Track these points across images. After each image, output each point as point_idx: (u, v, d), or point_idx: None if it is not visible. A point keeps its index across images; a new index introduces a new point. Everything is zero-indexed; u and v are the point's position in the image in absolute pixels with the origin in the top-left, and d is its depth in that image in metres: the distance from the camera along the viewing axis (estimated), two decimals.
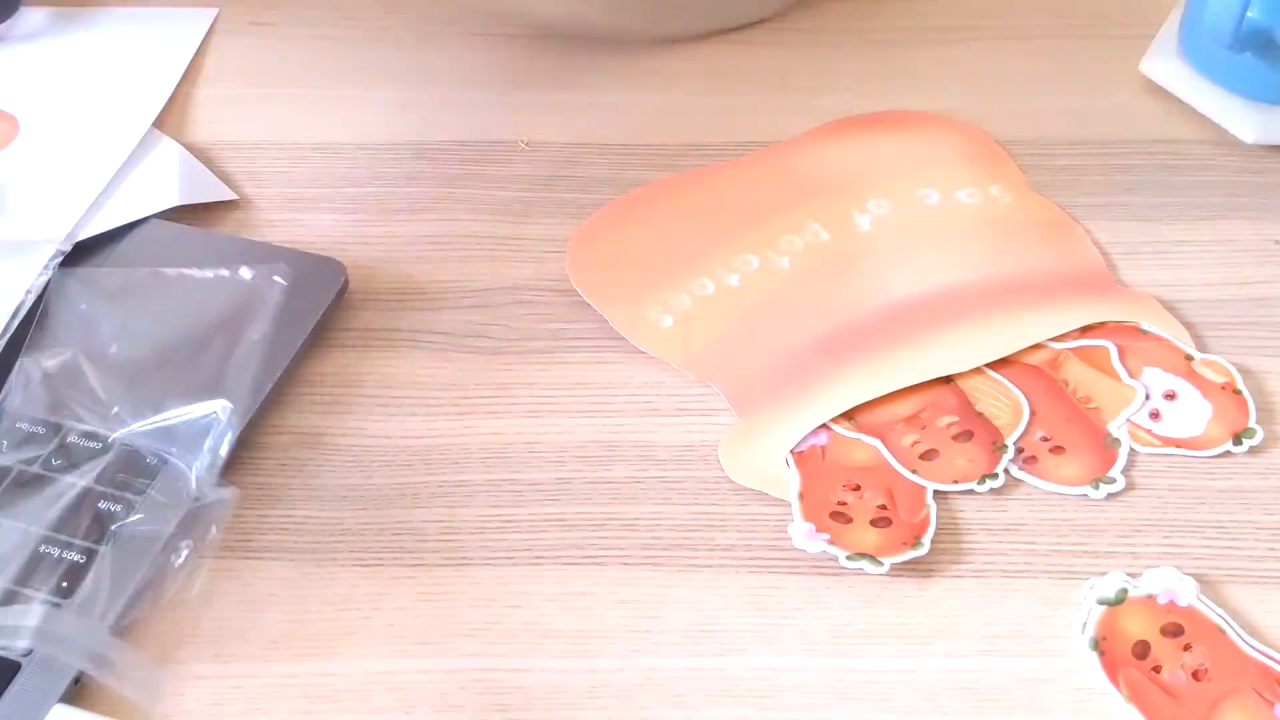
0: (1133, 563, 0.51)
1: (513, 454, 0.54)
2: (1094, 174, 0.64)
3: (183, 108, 0.68)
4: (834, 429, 0.54)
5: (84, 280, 0.58)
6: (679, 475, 0.53)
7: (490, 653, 0.49)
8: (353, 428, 0.55)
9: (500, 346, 0.58)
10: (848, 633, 0.49)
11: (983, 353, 0.56)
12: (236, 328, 0.55)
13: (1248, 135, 0.65)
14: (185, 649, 0.49)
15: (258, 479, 0.53)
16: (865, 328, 0.58)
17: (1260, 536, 0.51)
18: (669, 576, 0.51)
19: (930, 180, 0.64)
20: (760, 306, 0.59)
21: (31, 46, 0.71)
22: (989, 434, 0.54)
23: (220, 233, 0.62)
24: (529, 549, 0.51)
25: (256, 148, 0.66)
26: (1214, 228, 0.62)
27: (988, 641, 0.49)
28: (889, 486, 0.52)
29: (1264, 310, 0.59)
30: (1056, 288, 0.59)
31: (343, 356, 0.57)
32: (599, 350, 0.58)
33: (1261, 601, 0.50)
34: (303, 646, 0.49)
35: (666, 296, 0.59)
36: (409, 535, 0.52)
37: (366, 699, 0.47)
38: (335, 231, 0.62)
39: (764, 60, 0.71)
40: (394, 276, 0.60)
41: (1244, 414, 0.54)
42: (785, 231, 0.61)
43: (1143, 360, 0.56)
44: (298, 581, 0.50)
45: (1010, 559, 0.51)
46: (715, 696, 0.47)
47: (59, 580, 0.48)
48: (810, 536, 0.51)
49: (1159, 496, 0.53)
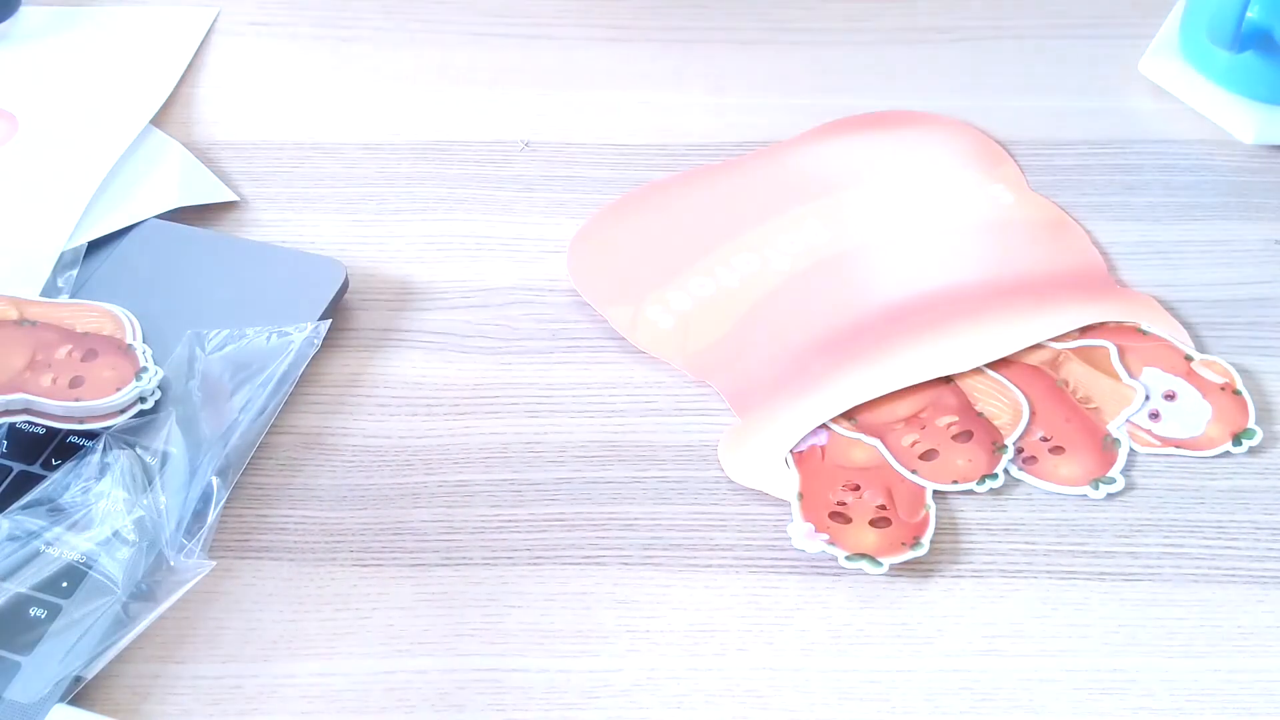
0: (1132, 563, 0.51)
1: (513, 454, 0.54)
2: (1094, 174, 0.64)
3: (183, 107, 0.68)
4: (833, 429, 0.54)
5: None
6: (679, 475, 0.53)
7: (490, 653, 0.49)
8: (353, 428, 0.55)
9: (500, 346, 0.58)
10: (847, 633, 0.49)
11: (983, 353, 0.56)
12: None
13: (1248, 135, 0.65)
14: (185, 649, 0.49)
15: (258, 479, 0.53)
16: (865, 328, 0.58)
17: (1260, 536, 0.51)
18: (669, 576, 0.51)
19: (930, 180, 0.64)
20: (760, 306, 0.59)
21: (31, 46, 0.71)
22: (989, 434, 0.54)
23: (220, 233, 0.62)
24: (529, 549, 0.51)
25: (256, 148, 0.66)
26: (1214, 228, 0.62)
27: (987, 641, 0.49)
28: (889, 486, 0.52)
29: (1264, 310, 0.59)
30: (1056, 288, 0.59)
31: (343, 356, 0.57)
32: (599, 350, 0.58)
33: (1261, 601, 0.50)
34: (302, 646, 0.49)
35: (666, 296, 0.59)
36: (409, 535, 0.52)
37: (366, 699, 0.47)
38: (335, 231, 0.62)
39: (764, 60, 0.71)
40: (394, 276, 0.60)
41: (1243, 414, 0.54)
42: (785, 231, 0.61)
43: (1142, 361, 0.56)
44: (297, 581, 0.50)
45: (1010, 559, 0.51)
46: (715, 696, 0.47)
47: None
48: (810, 536, 0.51)
49: (1158, 497, 0.53)
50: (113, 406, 0.53)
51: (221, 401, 0.54)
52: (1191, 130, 0.66)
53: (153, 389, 0.53)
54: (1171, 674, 0.48)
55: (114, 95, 0.68)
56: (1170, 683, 0.47)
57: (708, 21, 0.73)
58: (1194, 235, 0.62)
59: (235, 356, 0.55)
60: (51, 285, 0.59)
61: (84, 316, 0.56)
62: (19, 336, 0.55)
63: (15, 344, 0.54)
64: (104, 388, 0.53)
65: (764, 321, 0.58)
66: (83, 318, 0.56)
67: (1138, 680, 0.48)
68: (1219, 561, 0.51)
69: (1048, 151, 0.65)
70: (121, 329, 0.56)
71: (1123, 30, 0.71)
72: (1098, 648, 0.48)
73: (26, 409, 0.52)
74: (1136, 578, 0.50)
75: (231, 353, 0.55)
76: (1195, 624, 0.49)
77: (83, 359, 0.54)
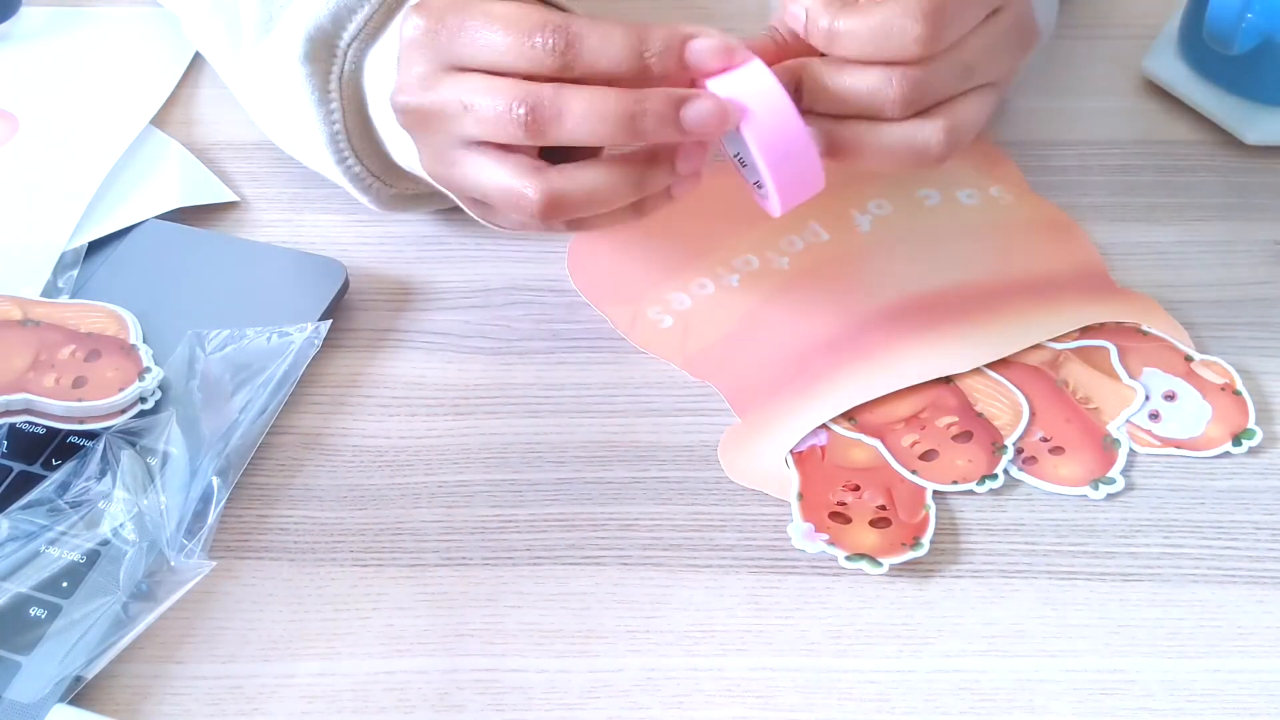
0: (1132, 563, 0.51)
1: (512, 454, 0.54)
2: (1094, 174, 0.64)
3: (183, 108, 0.68)
4: (834, 429, 0.54)
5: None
6: (679, 475, 0.53)
7: (490, 653, 0.49)
8: (353, 428, 0.55)
9: (500, 346, 0.58)
10: (847, 633, 0.49)
11: (983, 353, 0.56)
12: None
13: (1248, 135, 0.65)
14: (185, 649, 0.49)
15: (258, 479, 0.53)
16: (865, 328, 0.58)
17: (1260, 537, 0.51)
18: (669, 576, 0.51)
19: (930, 180, 0.64)
20: (760, 306, 0.59)
21: (31, 46, 0.71)
22: (989, 434, 0.54)
23: (220, 233, 0.62)
24: (529, 549, 0.51)
25: (256, 148, 0.66)
26: (1214, 228, 0.62)
27: (987, 642, 0.49)
28: (888, 487, 0.52)
29: (1264, 310, 0.59)
30: (1056, 288, 0.59)
31: (343, 357, 0.57)
32: (599, 350, 0.58)
33: (1261, 601, 0.50)
34: (302, 646, 0.49)
35: (666, 296, 0.59)
36: (409, 535, 0.52)
37: (366, 699, 0.47)
38: (335, 231, 0.62)
39: None
40: (394, 276, 0.60)
41: (1243, 415, 0.54)
42: (785, 231, 0.61)
43: (1142, 361, 0.56)
44: (297, 581, 0.50)
45: (1010, 559, 0.51)
46: (715, 696, 0.47)
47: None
48: (809, 537, 0.51)
49: (1158, 497, 0.53)
50: (114, 407, 0.53)
51: (222, 402, 0.54)
52: (1191, 130, 0.66)
53: (153, 389, 0.53)
54: (1171, 674, 0.48)
55: (114, 95, 0.68)
56: (1170, 683, 0.48)
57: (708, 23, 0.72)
58: (1194, 235, 0.62)
59: (236, 357, 0.55)
60: (52, 286, 0.59)
61: (87, 317, 0.56)
62: (23, 336, 0.55)
63: (19, 344, 0.54)
64: (107, 388, 0.53)
65: (764, 321, 0.58)
66: (86, 318, 0.56)
67: (1138, 680, 0.48)
68: (1219, 562, 0.51)
69: (1047, 151, 0.65)
70: (124, 329, 0.56)
71: (1123, 30, 0.71)
72: (1098, 648, 0.48)
73: (27, 409, 0.52)
74: (1136, 578, 0.50)
75: (232, 353, 0.55)
76: (1195, 624, 0.49)
77: (86, 359, 0.54)
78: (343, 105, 0.56)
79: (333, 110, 0.56)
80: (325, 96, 0.56)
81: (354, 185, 0.58)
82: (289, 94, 0.56)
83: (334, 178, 0.58)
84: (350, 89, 0.56)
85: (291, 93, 0.56)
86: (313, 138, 0.57)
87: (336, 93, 0.56)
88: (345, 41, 0.54)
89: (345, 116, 0.56)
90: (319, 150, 0.57)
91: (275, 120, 0.60)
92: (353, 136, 0.56)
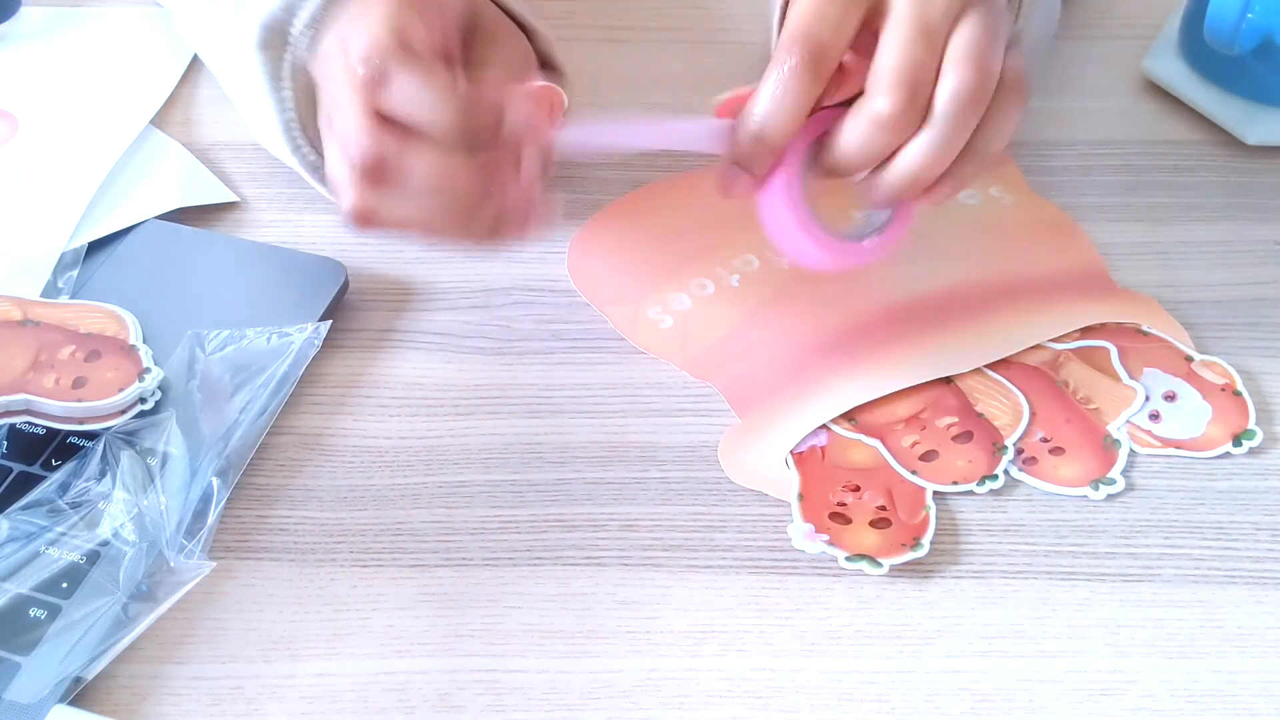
0: (1132, 564, 0.51)
1: (513, 454, 0.54)
2: (1094, 174, 0.64)
3: (183, 108, 0.68)
4: (834, 429, 0.54)
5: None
6: (679, 476, 0.53)
7: (490, 653, 0.49)
8: (353, 428, 0.55)
9: (500, 346, 0.58)
10: (847, 633, 0.49)
11: (983, 353, 0.56)
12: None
13: (1248, 135, 0.65)
14: (185, 649, 0.49)
15: (258, 480, 0.53)
16: (865, 328, 0.58)
17: (1260, 537, 0.51)
18: (669, 577, 0.51)
19: None
20: (760, 306, 0.59)
21: (31, 46, 0.71)
22: (989, 435, 0.54)
23: (220, 233, 0.62)
24: (529, 549, 0.51)
25: (256, 148, 0.65)
26: (1214, 228, 0.62)
27: (987, 642, 0.49)
28: (889, 487, 0.52)
29: (1264, 311, 0.59)
30: (1057, 289, 0.59)
31: (343, 357, 0.57)
32: (599, 350, 0.58)
33: (1261, 602, 0.50)
34: (302, 647, 0.49)
35: (666, 296, 0.59)
36: (409, 536, 0.52)
37: (366, 699, 0.47)
38: (335, 231, 0.62)
39: (764, 61, 0.70)
40: (394, 276, 0.60)
41: (1244, 415, 0.54)
42: None
43: (1143, 361, 0.56)
44: (297, 582, 0.50)
45: (1010, 560, 0.51)
46: (715, 696, 0.47)
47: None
48: (810, 537, 0.51)
49: (1159, 498, 0.53)
50: (114, 407, 0.53)
51: (222, 402, 0.54)
52: (1191, 130, 0.66)
53: (153, 390, 0.53)
54: (1171, 674, 0.48)
55: (114, 95, 0.68)
56: (1170, 683, 0.48)
57: (709, 23, 0.73)
58: (1194, 235, 0.62)
59: (235, 357, 0.55)
60: (52, 286, 0.59)
61: (87, 317, 0.56)
62: (23, 337, 0.55)
63: (19, 344, 0.54)
64: (107, 388, 0.53)
65: (764, 321, 0.58)
66: (86, 318, 0.56)
67: (1138, 681, 0.48)
68: (1219, 562, 0.51)
69: (1047, 151, 0.65)
70: (124, 330, 0.56)
71: (1123, 30, 0.71)
72: (1098, 648, 0.48)
73: (27, 409, 0.52)
74: (1136, 578, 0.50)
75: (232, 353, 0.55)
76: (1195, 625, 0.49)
77: (86, 359, 0.54)
78: (295, 93, 0.56)
79: (285, 98, 0.56)
80: (278, 84, 0.55)
81: (310, 174, 0.58)
82: (248, 82, 0.56)
83: (294, 166, 0.58)
84: (303, 77, 0.56)
85: (250, 81, 0.56)
86: (271, 126, 0.57)
87: (289, 80, 0.55)
88: (297, 29, 0.54)
89: (298, 104, 0.56)
90: (276, 138, 0.57)
91: (246, 111, 0.60)
92: (306, 125, 0.56)
